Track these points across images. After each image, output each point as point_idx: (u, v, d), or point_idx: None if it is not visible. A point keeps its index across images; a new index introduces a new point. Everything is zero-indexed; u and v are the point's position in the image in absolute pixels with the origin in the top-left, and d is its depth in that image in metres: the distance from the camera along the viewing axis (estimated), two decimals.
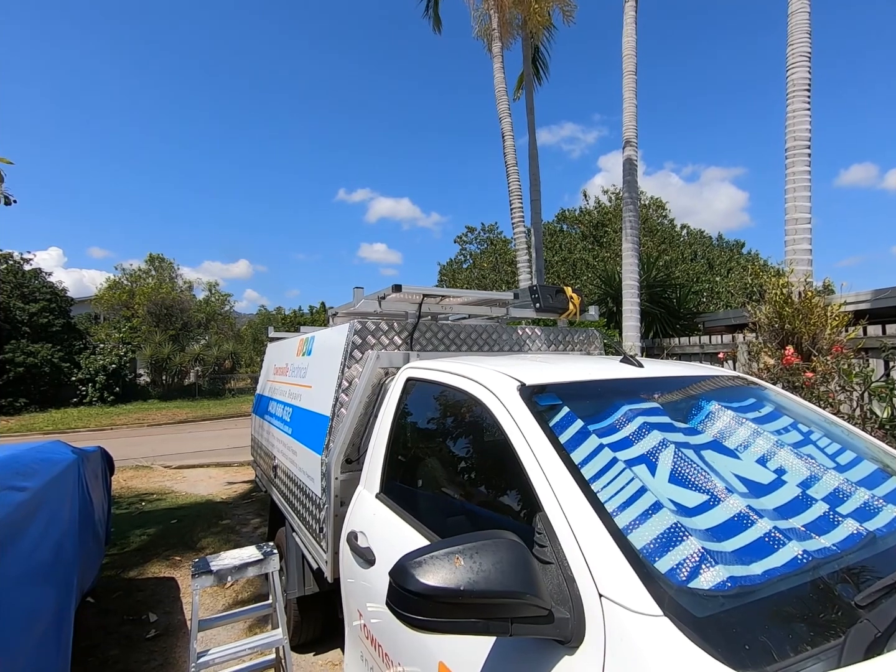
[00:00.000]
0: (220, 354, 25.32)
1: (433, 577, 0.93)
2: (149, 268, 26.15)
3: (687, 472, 1.33)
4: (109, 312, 24.51)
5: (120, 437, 14.15)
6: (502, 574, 0.94)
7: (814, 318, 3.89)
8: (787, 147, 5.26)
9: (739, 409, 1.81)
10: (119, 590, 4.00)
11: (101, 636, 3.35)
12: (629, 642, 0.89)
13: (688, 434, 1.55)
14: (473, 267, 26.00)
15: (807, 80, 5.17)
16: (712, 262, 23.06)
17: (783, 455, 1.54)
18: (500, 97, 10.77)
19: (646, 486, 1.21)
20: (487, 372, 1.66)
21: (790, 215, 5.16)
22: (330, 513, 2.20)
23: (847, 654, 0.85)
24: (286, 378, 3.55)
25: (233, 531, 5.39)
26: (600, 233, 23.05)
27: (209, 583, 2.10)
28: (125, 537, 5.16)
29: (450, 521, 1.67)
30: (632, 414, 1.55)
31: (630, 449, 1.41)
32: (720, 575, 0.99)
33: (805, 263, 5.02)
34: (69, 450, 2.65)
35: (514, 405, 1.45)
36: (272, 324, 31.18)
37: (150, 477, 8.42)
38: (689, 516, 1.18)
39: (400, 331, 2.52)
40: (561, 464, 1.22)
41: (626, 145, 8.04)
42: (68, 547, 2.08)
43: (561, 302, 2.97)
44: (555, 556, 1.06)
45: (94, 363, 20.73)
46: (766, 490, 1.37)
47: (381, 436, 2.01)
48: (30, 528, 1.91)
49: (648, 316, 9.19)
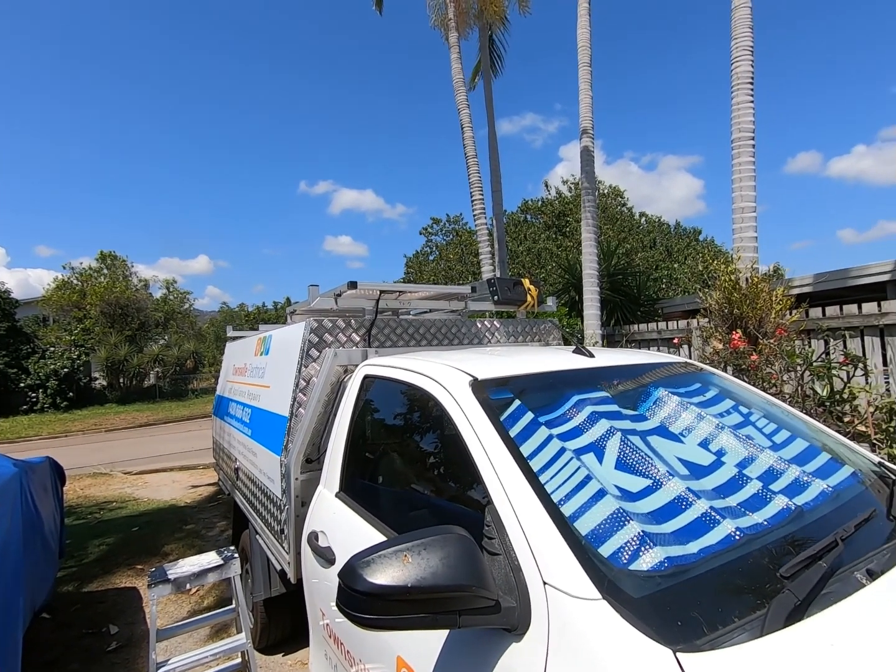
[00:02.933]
0: (181, 354, 24.48)
1: (382, 576, 0.94)
2: (100, 266, 24.94)
3: (632, 459, 1.38)
4: (59, 314, 23.28)
5: (76, 444, 13.55)
6: (449, 568, 0.96)
7: (760, 302, 4.08)
8: (733, 139, 5.46)
9: (685, 395, 1.88)
10: (77, 603, 3.86)
11: (60, 651, 3.23)
12: (570, 626, 0.92)
13: (635, 421, 1.61)
14: (440, 259, 25.97)
15: (750, 73, 5.37)
16: (671, 249, 23.79)
17: (724, 437, 1.62)
18: (458, 88, 10.71)
19: (592, 475, 1.25)
20: (440, 367, 1.68)
21: (737, 204, 5.37)
22: (291, 514, 2.18)
23: (769, 622, 0.91)
24: (245, 378, 3.47)
25: (198, 536, 5.27)
26: (562, 222, 23.39)
27: (167, 592, 2.05)
28: (83, 548, 4.96)
29: (408, 517, 1.69)
30: (581, 404, 1.60)
31: (579, 438, 1.45)
32: (658, 556, 1.04)
33: (751, 250, 5.25)
34: (9, 462, 2.51)
35: (465, 400, 1.47)
36: (235, 321, 30.39)
37: (110, 484, 8.11)
38: (633, 501, 1.23)
39: (358, 328, 2.51)
40: (510, 457, 1.25)
41: (582, 135, 8.16)
42: (9, 565, 1.99)
43: (519, 294, 3.01)
44: (502, 547, 1.09)
45: (45, 368, 19.71)
46: (706, 471, 1.44)
47: (340, 434, 2.01)
48: None
49: (610, 304, 9.42)
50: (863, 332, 4.55)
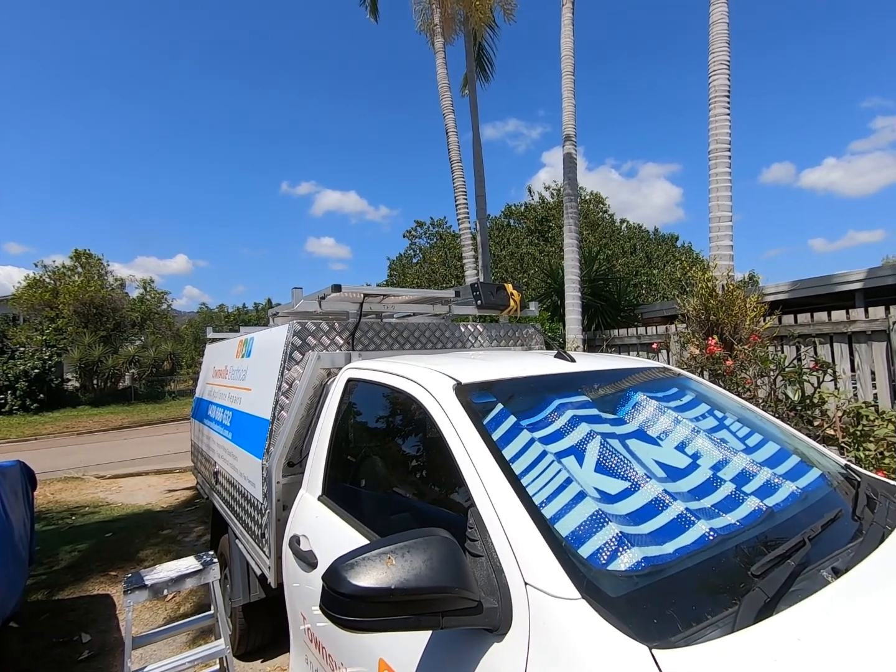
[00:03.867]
0: (158, 355, 23.94)
1: (365, 579, 0.95)
2: (74, 265, 24.26)
3: (611, 462, 1.41)
4: (30, 313, 22.56)
5: (46, 447, 13.13)
6: (432, 570, 0.98)
7: (735, 309, 4.20)
8: (710, 150, 5.62)
9: (663, 399, 1.93)
10: (47, 611, 3.75)
11: (29, 662, 3.13)
12: (551, 625, 0.95)
13: (614, 424, 1.65)
14: (423, 262, 25.96)
15: (726, 86, 5.54)
16: (650, 255, 24.21)
17: (699, 441, 1.67)
18: (443, 93, 10.78)
19: (572, 477, 1.28)
20: (424, 371, 1.69)
21: (714, 213, 5.52)
22: (272, 517, 2.17)
23: (740, 619, 0.95)
24: (225, 381, 3.43)
25: (174, 541, 5.17)
26: (545, 228, 23.63)
27: (144, 598, 2.01)
28: (53, 555, 4.82)
29: (391, 520, 1.70)
30: (562, 408, 1.63)
31: (560, 442, 1.49)
32: (635, 556, 1.07)
33: (727, 258, 5.40)
34: None
35: (449, 404, 1.48)
36: (215, 322, 29.88)
37: (82, 488, 7.89)
38: (612, 503, 1.27)
39: (341, 331, 2.51)
40: (492, 460, 1.27)
41: (565, 141, 8.29)
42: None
43: (502, 299, 3.05)
44: (485, 549, 1.10)
45: (14, 368, 19.07)
46: (682, 474, 1.48)
47: (323, 438, 2.00)
48: None
49: (591, 309, 9.55)
50: (832, 339, 4.71)
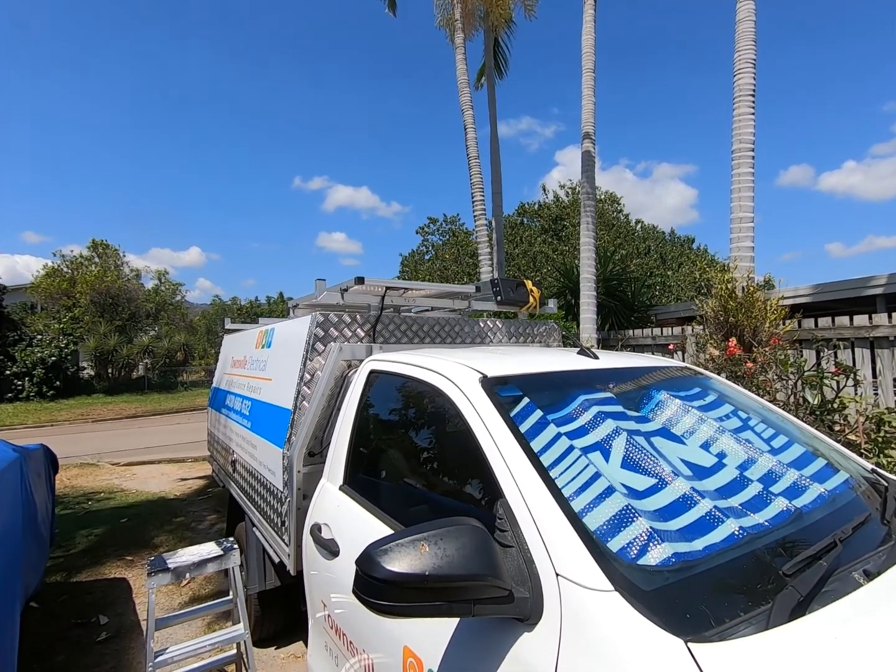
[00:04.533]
0: (172, 346, 24.25)
1: (399, 564, 0.96)
2: (91, 255, 24.63)
3: (637, 458, 1.41)
4: (48, 302, 22.95)
5: (62, 433, 13.38)
6: (465, 558, 0.98)
7: (755, 311, 4.16)
8: (734, 150, 5.54)
9: (686, 398, 1.92)
10: (66, 593, 3.82)
11: (48, 642, 3.20)
12: (584, 616, 0.95)
13: (639, 422, 1.65)
14: (435, 258, 25.97)
15: (752, 85, 5.45)
16: (665, 256, 24.00)
17: (724, 440, 1.66)
18: (462, 88, 10.75)
19: (600, 472, 1.28)
20: (450, 364, 1.70)
21: (735, 214, 5.45)
22: (292, 506, 2.19)
23: (774, 617, 0.94)
24: (245, 371, 3.47)
25: (188, 528, 5.24)
26: (559, 226, 23.51)
27: (166, 581, 2.05)
28: (71, 538, 4.92)
29: (413, 510, 1.71)
30: (588, 404, 1.63)
31: (586, 437, 1.48)
32: (665, 552, 1.07)
33: (748, 260, 5.33)
34: (10, 448, 2.50)
35: (476, 396, 1.49)
36: (227, 314, 30.16)
37: (97, 475, 8.03)
38: (639, 499, 1.26)
39: (363, 323, 2.52)
40: (521, 452, 1.27)
41: (584, 139, 8.23)
42: (10, 550, 1.98)
43: (521, 295, 3.04)
44: (515, 540, 1.11)
45: (32, 356, 19.43)
46: (709, 472, 1.47)
47: (345, 428, 2.02)
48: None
49: (604, 308, 9.50)
50: (853, 344, 4.64)
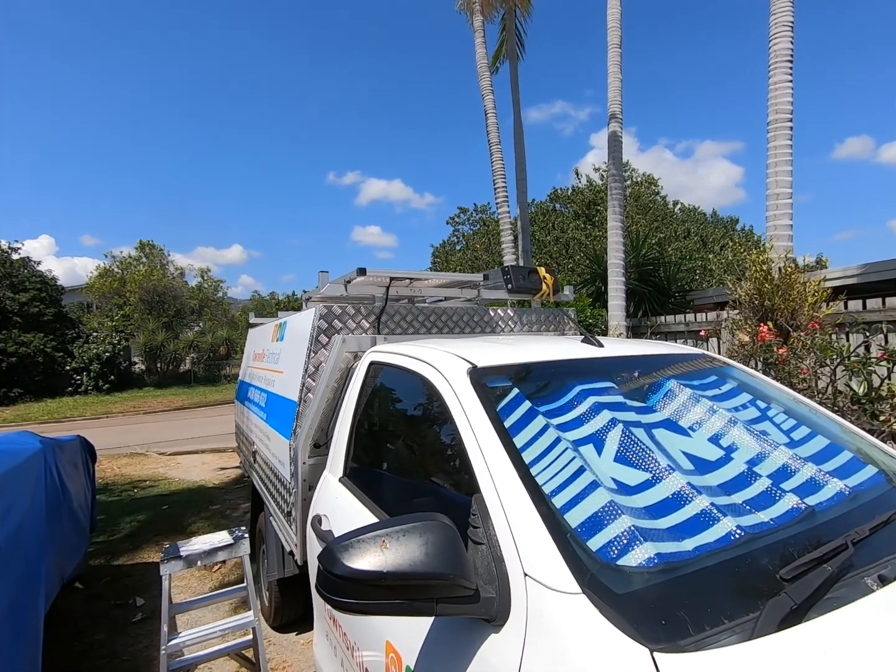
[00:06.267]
0: (215, 341, 25.27)
1: (359, 561, 0.94)
2: (139, 254, 25.89)
3: (632, 452, 1.33)
4: (101, 300, 24.34)
5: (116, 424, 14.21)
6: (428, 556, 0.95)
7: (793, 294, 3.88)
8: (770, 121, 5.16)
9: (699, 387, 1.81)
10: (108, 576, 4.05)
11: (88, 621, 3.40)
12: (547, 619, 0.90)
13: (641, 413, 1.56)
14: (466, 248, 25.83)
15: (789, 50, 5.05)
16: (706, 238, 22.95)
17: (735, 432, 1.55)
18: (482, 73, 10.50)
19: (586, 466, 1.21)
20: (440, 354, 1.66)
21: (771, 190, 5.09)
22: (298, 497, 2.22)
23: (760, 626, 0.86)
24: (263, 364, 3.54)
25: (223, 516, 5.45)
26: (592, 211, 22.88)
27: (178, 568, 2.12)
28: (115, 524, 5.21)
29: (404, 503, 1.69)
30: (584, 394, 1.55)
31: (579, 429, 1.41)
32: (648, 552, 1.00)
33: (786, 239, 4.98)
34: (36, 440, 2.64)
35: (461, 387, 1.44)
36: (266, 309, 31.09)
37: (145, 464, 8.47)
38: (629, 495, 1.19)
39: (367, 314, 2.51)
40: (500, 446, 1.22)
41: (611, 119, 7.90)
42: (31, 537, 2.09)
43: (533, 282, 2.95)
44: (486, 537, 1.06)
45: (88, 352, 20.67)
46: (712, 467, 1.37)
47: (345, 420, 2.02)
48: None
49: (637, 295, 9.18)
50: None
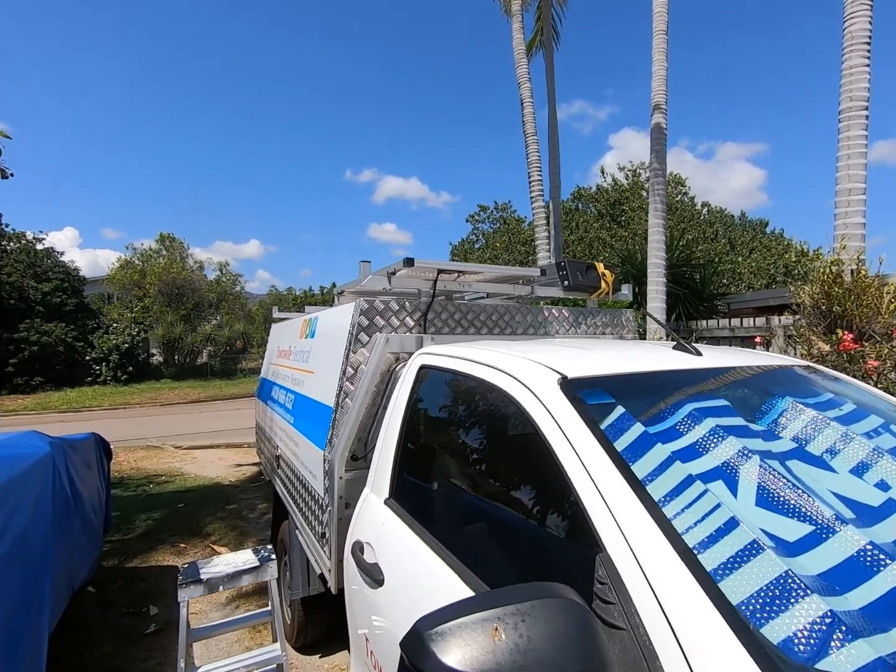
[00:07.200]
0: (232, 335, 25.30)
1: (461, 656, 0.66)
2: (160, 247, 26.06)
3: (779, 492, 1.03)
4: (122, 292, 24.54)
5: (134, 416, 14.22)
6: (560, 653, 0.67)
7: (868, 299, 3.52)
8: (842, 109, 4.74)
9: (818, 407, 1.50)
10: (121, 579, 3.85)
11: (99, 629, 3.20)
12: None
13: (767, 440, 1.26)
14: (486, 247, 25.48)
15: (867, 32, 4.59)
16: (734, 241, 22.29)
17: (884, 465, 1.24)
18: (518, 60, 10.10)
19: (736, 517, 0.92)
20: (518, 361, 1.37)
21: (842, 185, 4.68)
22: (334, 516, 1.95)
23: None
24: (289, 362, 3.29)
25: (239, 517, 5.24)
26: (617, 211, 22.35)
27: (198, 593, 1.88)
28: (130, 522, 5.03)
29: (475, 540, 1.41)
30: (698, 414, 1.26)
31: (700, 460, 1.12)
32: (862, 651, 0.71)
33: (858, 239, 4.55)
34: (45, 442, 2.42)
35: (554, 403, 1.16)
36: (283, 304, 31.14)
37: (161, 458, 8.34)
38: (793, 556, 0.90)
39: (412, 311, 2.24)
40: (626, 486, 0.93)
41: (654, 110, 7.48)
42: (33, 553, 1.87)
43: (592, 280, 2.65)
44: (626, 620, 0.77)
45: (108, 342, 20.82)
46: (880, 515, 1.07)
47: (391, 432, 1.74)
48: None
49: (671, 297, 8.77)
50: None
